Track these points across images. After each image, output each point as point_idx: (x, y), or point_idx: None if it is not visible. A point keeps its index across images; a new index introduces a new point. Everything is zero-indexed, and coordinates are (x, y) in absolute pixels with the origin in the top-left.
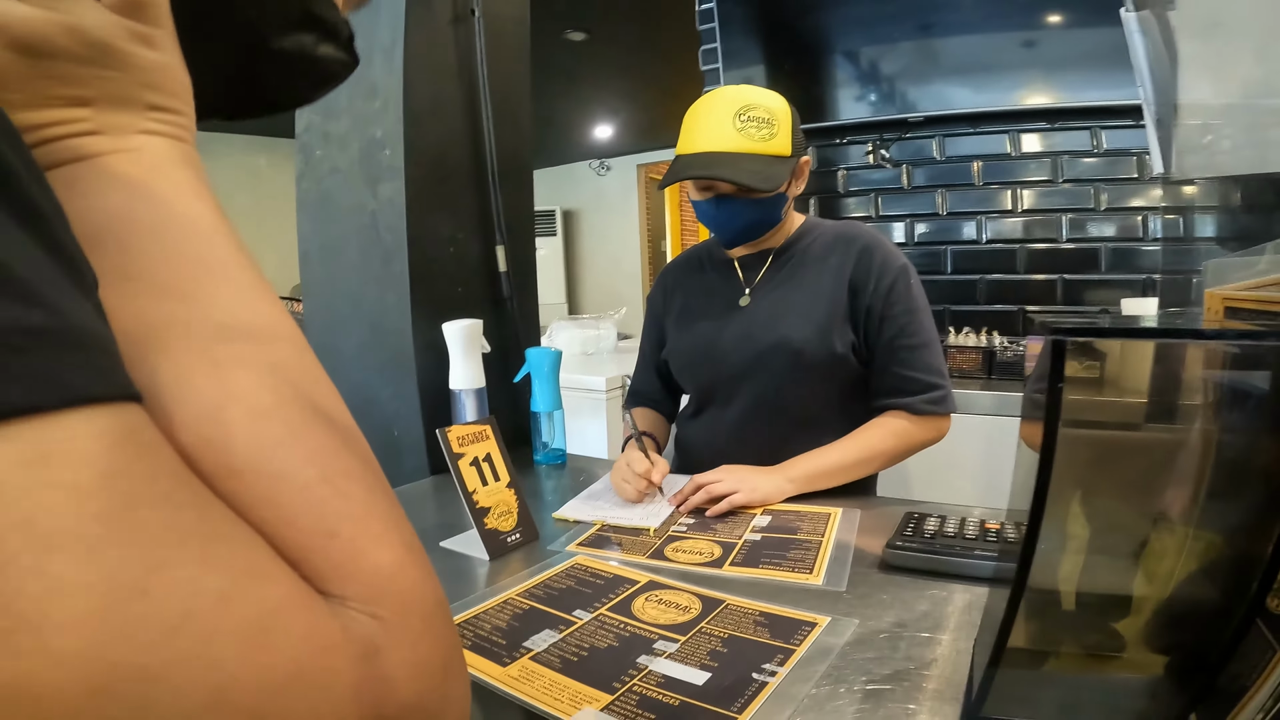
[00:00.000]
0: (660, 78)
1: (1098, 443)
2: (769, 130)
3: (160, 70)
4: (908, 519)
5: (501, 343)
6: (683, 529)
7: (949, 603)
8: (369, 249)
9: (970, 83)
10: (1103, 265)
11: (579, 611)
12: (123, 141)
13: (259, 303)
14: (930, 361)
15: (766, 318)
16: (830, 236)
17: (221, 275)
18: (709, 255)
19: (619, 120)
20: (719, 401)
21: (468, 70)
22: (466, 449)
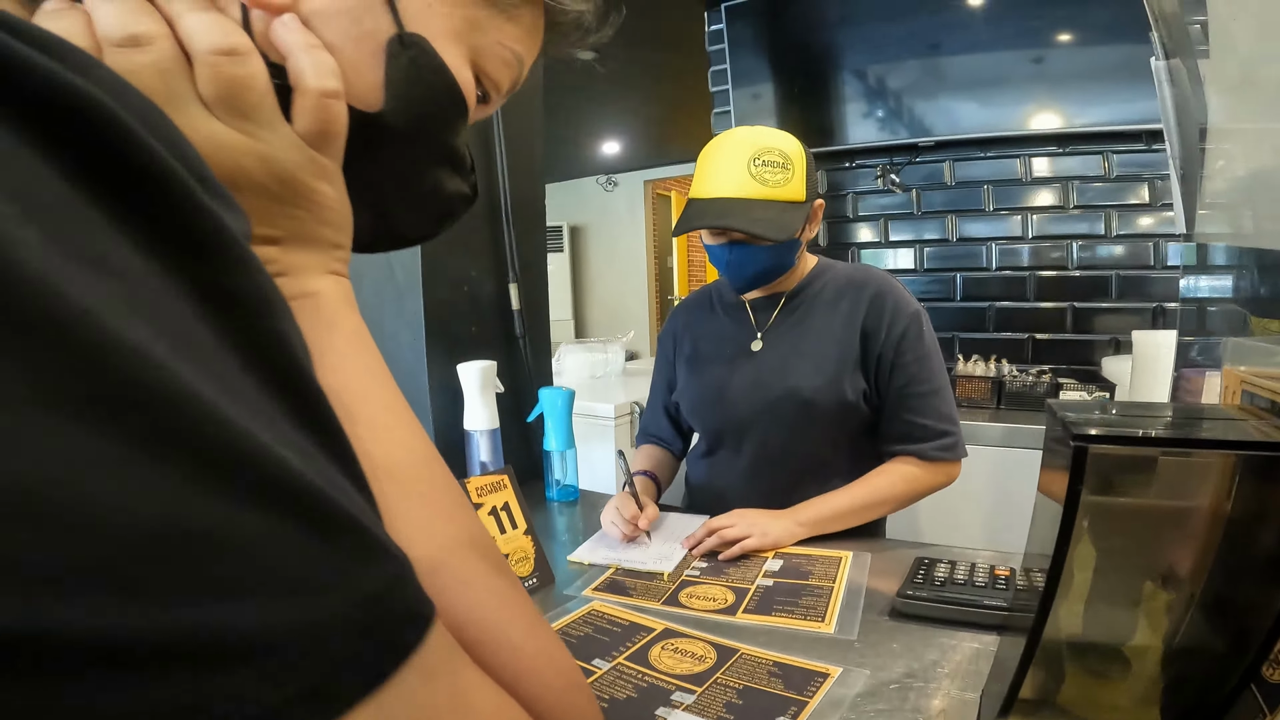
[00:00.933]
0: (668, 95)
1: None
2: (784, 175)
3: (336, 207)
4: (918, 565)
5: (514, 380)
6: (696, 573)
7: (957, 651)
8: (383, 287)
9: (980, 102)
10: (1113, 292)
11: (598, 660)
12: (311, 283)
13: (434, 459)
14: (940, 408)
15: (777, 365)
16: (842, 280)
17: (409, 439)
18: (720, 296)
19: (626, 137)
20: (729, 445)
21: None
22: (485, 499)
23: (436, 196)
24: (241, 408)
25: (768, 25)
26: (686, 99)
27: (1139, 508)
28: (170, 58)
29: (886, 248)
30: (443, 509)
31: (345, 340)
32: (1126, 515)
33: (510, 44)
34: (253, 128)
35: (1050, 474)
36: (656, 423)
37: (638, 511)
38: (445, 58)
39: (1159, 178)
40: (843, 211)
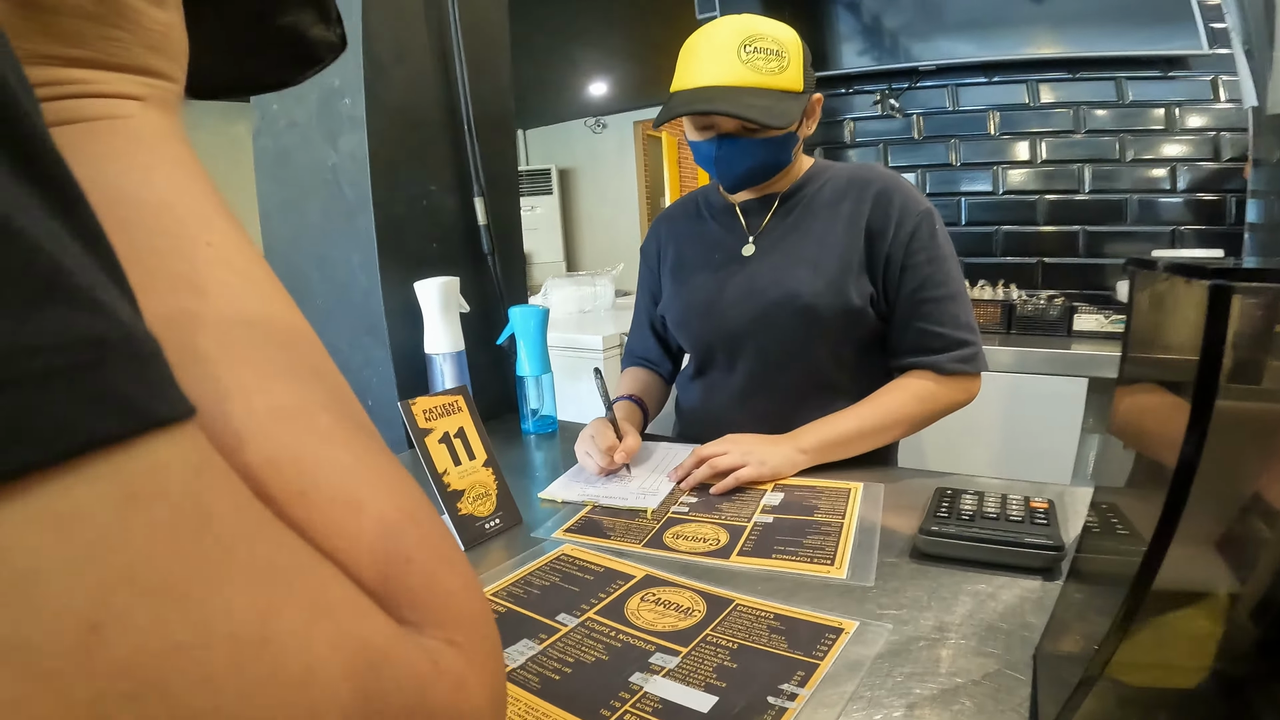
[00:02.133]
0: (655, 31)
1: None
2: (778, 63)
3: (166, 32)
4: (940, 497)
5: (484, 303)
6: (684, 509)
7: (995, 599)
8: (331, 206)
9: (979, 38)
10: (1127, 217)
11: (563, 616)
12: (118, 107)
13: (275, 294)
14: (958, 315)
15: (773, 269)
16: (843, 180)
17: (233, 264)
18: (706, 201)
19: (613, 77)
20: (721, 363)
21: (437, 10)
22: (434, 424)
23: (297, 41)
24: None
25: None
26: (674, 37)
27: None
28: None
29: None
30: (275, 348)
31: (159, 160)
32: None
33: None
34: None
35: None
36: (642, 343)
37: (616, 442)
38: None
39: (1176, 104)
40: (839, 138)
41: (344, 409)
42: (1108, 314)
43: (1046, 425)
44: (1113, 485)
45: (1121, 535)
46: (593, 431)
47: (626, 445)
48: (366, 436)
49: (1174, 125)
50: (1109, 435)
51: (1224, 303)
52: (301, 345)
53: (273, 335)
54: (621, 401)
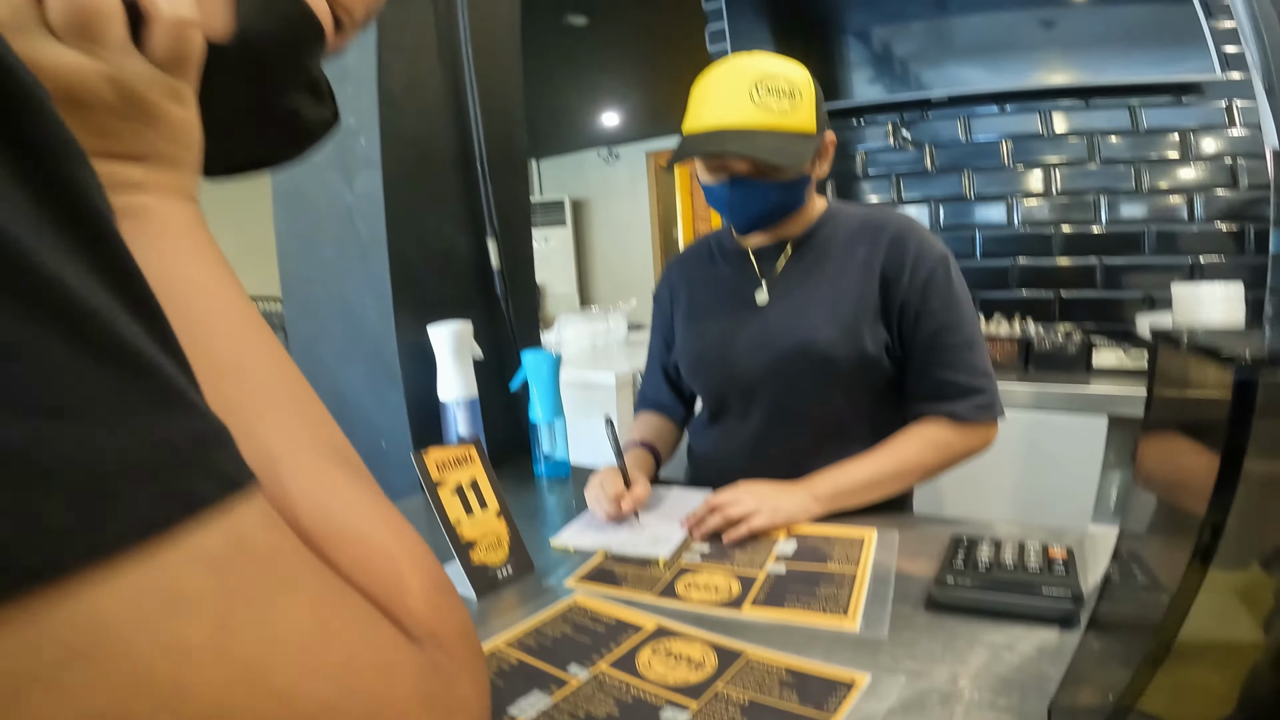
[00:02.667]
0: (667, 62)
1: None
2: (790, 103)
3: (184, 126)
4: (955, 546)
5: (497, 346)
6: (696, 558)
7: (1012, 651)
8: (346, 246)
9: (991, 64)
10: (1145, 247)
11: (574, 667)
12: (154, 200)
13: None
14: (974, 362)
15: (787, 317)
16: (856, 223)
17: (270, 349)
18: (719, 245)
19: (626, 107)
20: (734, 410)
21: (450, 49)
22: (447, 475)
23: (295, 122)
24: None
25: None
26: (686, 67)
27: None
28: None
29: (898, 206)
30: (296, 414)
31: (189, 251)
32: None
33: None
34: (102, 52)
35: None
36: (655, 387)
37: (624, 490)
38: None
39: (1191, 131)
40: (852, 170)
41: (347, 460)
42: (1126, 349)
43: (1066, 463)
44: (1136, 533)
45: (1144, 585)
46: (602, 479)
47: (635, 494)
48: (368, 485)
49: (1189, 152)
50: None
51: (1249, 393)
52: (310, 408)
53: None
54: (636, 449)
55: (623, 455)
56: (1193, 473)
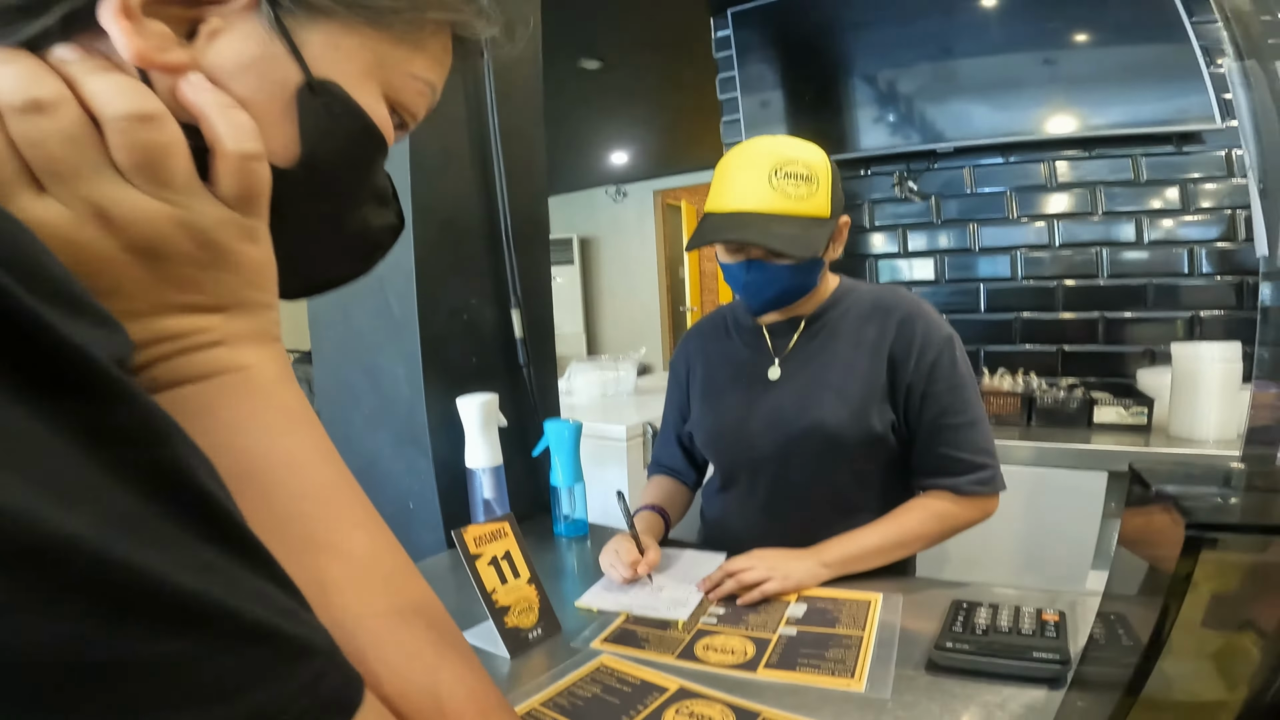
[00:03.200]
0: (676, 104)
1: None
2: (808, 188)
3: (262, 268)
4: (955, 610)
5: (519, 412)
6: (713, 620)
7: (1004, 710)
8: (378, 318)
9: (996, 106)
10: (1148, 301)
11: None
12: (239, 356)
13: (388, 542)
14: (977, 440)
15: (798, 396)
16: (867, 304)
17: (354, 517)
18: (735, 320)
19: (635, 146)
20: (745, 482)
21: (478, 120)
22: (484, 549)
23: (364, 236)
24: (139, 540)
25: (775, 31)
26: (696, 107)
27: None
28: (78, 123)
29: (904, 258)
30: (382, 579)
31: (280, 415)
32: (1232, 577)
33: (421, 74)
34: (172, 195)
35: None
36: (669, 453)
37: (638, 556)
38: (358, 98)
39: (1191, 181)
40: (859, 221)
41: (429, 619)
42: (1127, 405)
43: (1068, 517)
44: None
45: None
46: (616, 546)
47: (648, 559)
48: (449, 643)
49: (1190, 204)
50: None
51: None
52: (398, 572)
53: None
54: (644, 511)
55: (634, 523)
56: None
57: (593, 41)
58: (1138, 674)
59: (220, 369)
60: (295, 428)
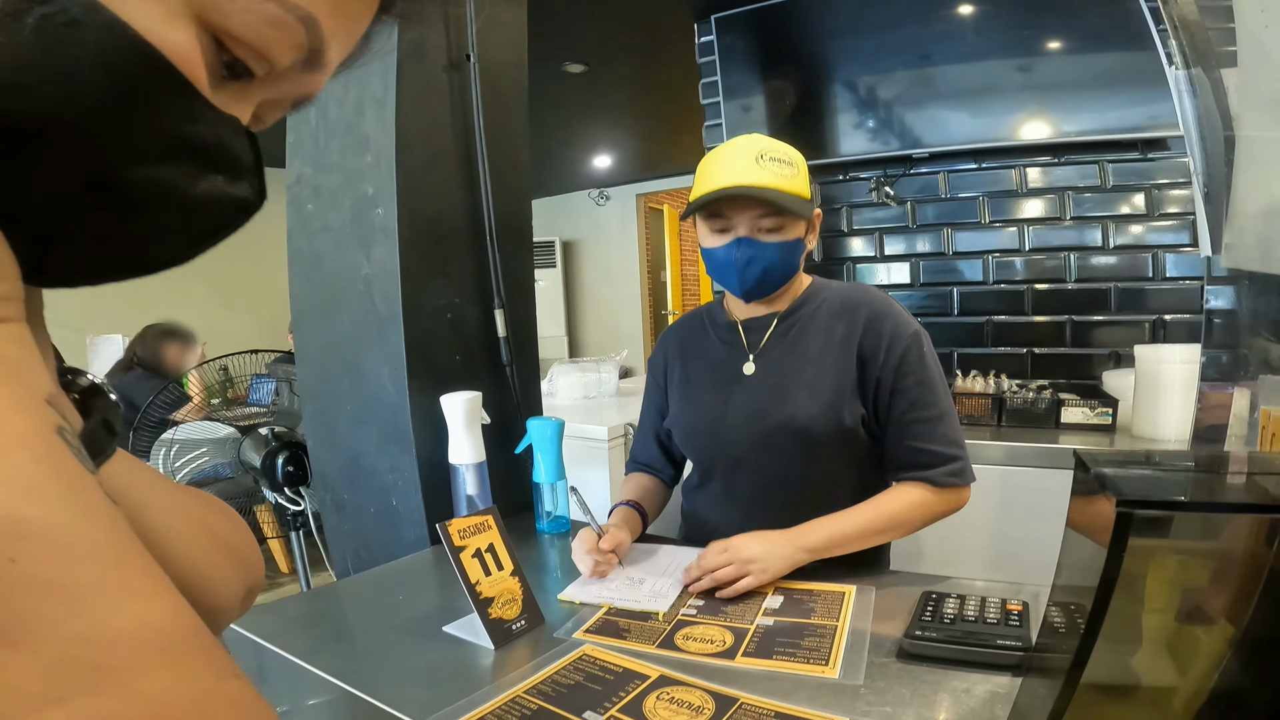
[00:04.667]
0: (659, 108)
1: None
2: (790, 170)
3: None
4: (925, 601)
5: (502, 410)
6: (692, 611)
7: (970, 695)
8: (363, 317)
9: (971, 112)
10: (1112, 305)
11: (589, 713)
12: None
13: (152, 624)
14: (946, 433)
15: (772, 391)
16: (838, 302)
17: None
18: (710, 318)
19: (618, 150)
20: (722, 476)
21: (463, 121)
22: (468, 541)
23: (174, 202)
24: None
25: (758, 37)
26: (678, 112)
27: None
28: None
29: (881, 262)
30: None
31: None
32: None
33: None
34: None
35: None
36: (646, 450)
37: (594, 543)
38: (132, 14)
39: (1156, 187)
40: (837, 225)
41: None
42: (1093, 406)
43: (1035, 516)
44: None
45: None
46: (580, 538)
47: (607, 540)
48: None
49: (1154, 209)
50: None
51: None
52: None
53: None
54: (621, 507)
55: (591, 514)
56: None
57: (577, 45)
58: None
59: None
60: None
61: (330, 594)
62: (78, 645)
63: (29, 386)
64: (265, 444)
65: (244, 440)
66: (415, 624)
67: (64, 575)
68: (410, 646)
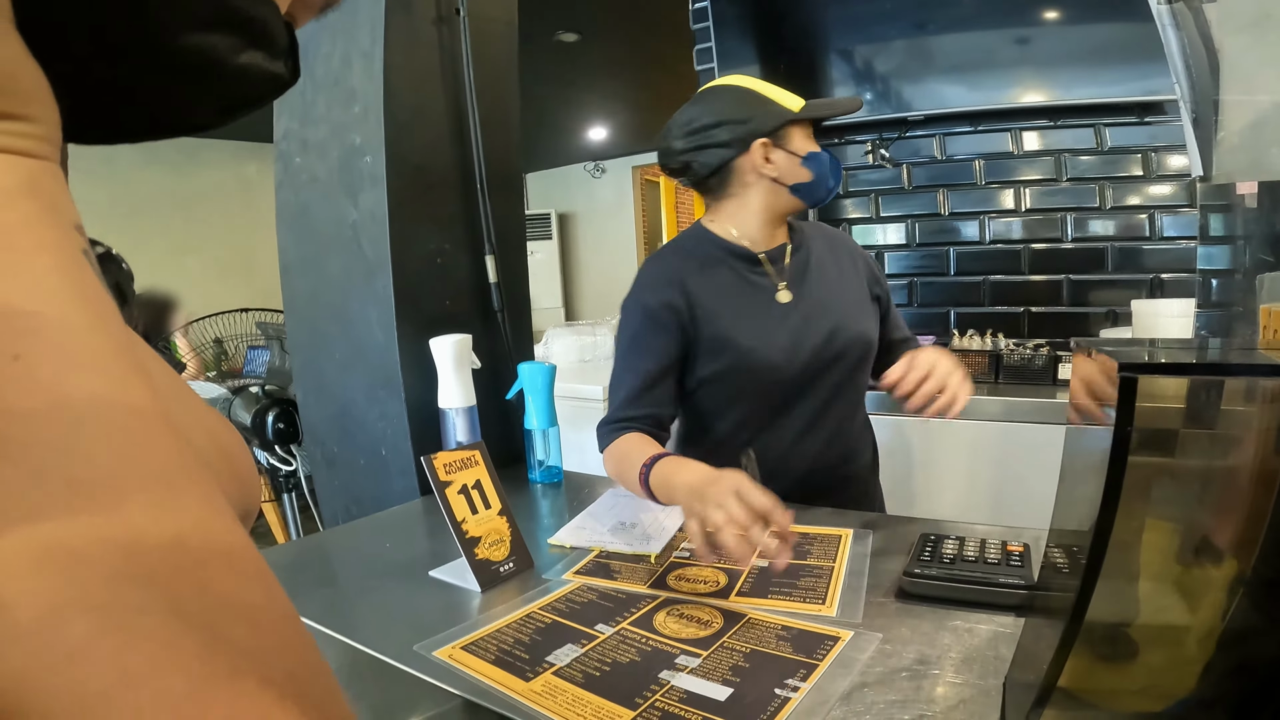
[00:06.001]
0: (654, 79)
1: (1163, 470)
2: None
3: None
4: (924, 542)
5: (493, 358)
6: (686, 554)
7: (972, 634)
8: (351, 263)
9: (967, 81)
10: (1109, 265)
11: (601, 625)
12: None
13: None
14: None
15: (815, 317)
16: (821, 234)
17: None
18: (724, 249)
19: (613, 122)
20: (776, 410)
21: (453, 73)
22: (454, 476)
23: (215, 70)
24: None
25: (753, 3)
26: (673, 83)
27: (1189, 469)
28: None
29: (877, 223)
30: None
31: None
32: (1176, 477)
33: None
34: None
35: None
36: (659, 402)
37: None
38: None
39: (1153, 149)
40: None
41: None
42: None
43: (1035, 469)
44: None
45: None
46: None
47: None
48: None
49: (1151, 171)
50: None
51: (1130, 392)
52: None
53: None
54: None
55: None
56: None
57: (571, 13)
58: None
59: None
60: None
61: (316, 543)
62: (68, 461)
63: (63, 213)
64: (256, 401)
65: (235, 399)
66: (400, 568)
67: (65, 384)
68: (393, 590)
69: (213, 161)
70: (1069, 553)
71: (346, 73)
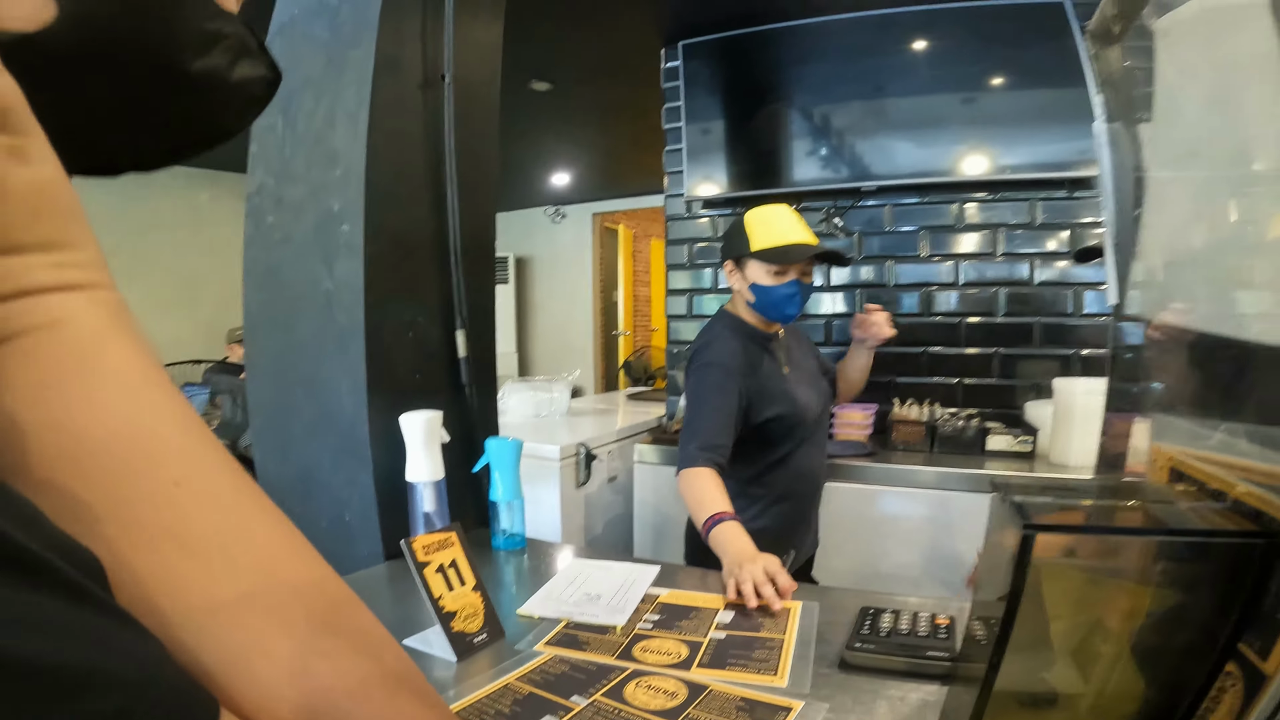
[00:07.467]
0: (620, 129)
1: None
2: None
3: (41, 193)
4: (864, 615)
5: (460, 428)
6: (649, 626)
7: (904, 702)
8: (323, 331)
9: (917, 143)
10: (1036, 339)
11: (576, 697)
12: (42, 308)
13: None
14: None
15: (807, 387)
16: (789, 329)
17: (211, 498)
18: (753, 334)
19: (577, 169)
20: (798, 443)
21: (434, 140)
22: (432, 557)
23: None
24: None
25: (723, 65)
26: (639, 133)
27: (1082, 569)
28: None
29: (827, 291)
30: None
31: (114, 380)
32: (1073, 579)
33: None
34: None
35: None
36: (722, 441)
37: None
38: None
39: (1079, 225)
40: None
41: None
42: (1016, 434)
43: (964, 537)
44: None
45: (984, 644)
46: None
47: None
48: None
49: (1076, 245)
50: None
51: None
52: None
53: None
54: (728, 519)
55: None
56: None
57: (545, 64)
58: (992, 663)
59: (15, 330)
60: (120, 389)
61: None
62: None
63: (140, 336)
64: None
65: None
66: None
67: (214, 520)
68: None
69: (166, 189)
70: (986, 624)
71: (329, 132)
